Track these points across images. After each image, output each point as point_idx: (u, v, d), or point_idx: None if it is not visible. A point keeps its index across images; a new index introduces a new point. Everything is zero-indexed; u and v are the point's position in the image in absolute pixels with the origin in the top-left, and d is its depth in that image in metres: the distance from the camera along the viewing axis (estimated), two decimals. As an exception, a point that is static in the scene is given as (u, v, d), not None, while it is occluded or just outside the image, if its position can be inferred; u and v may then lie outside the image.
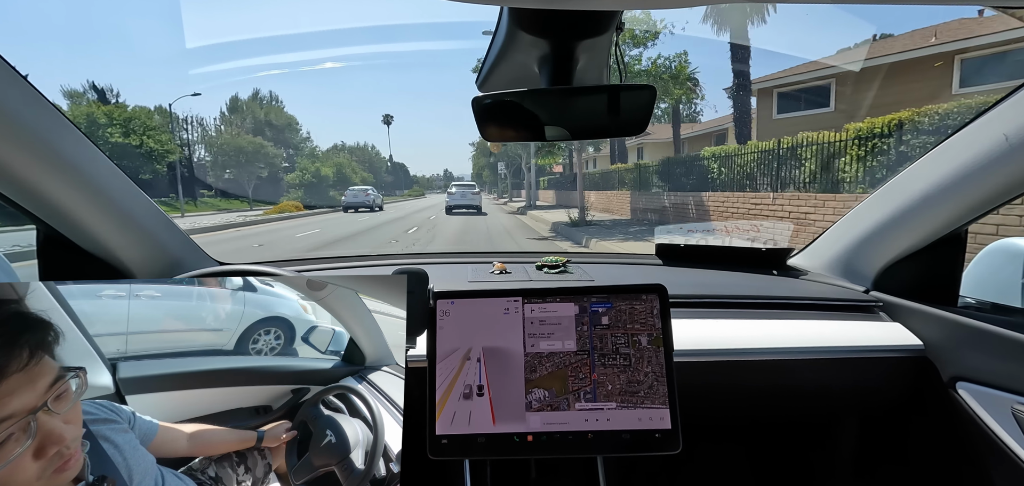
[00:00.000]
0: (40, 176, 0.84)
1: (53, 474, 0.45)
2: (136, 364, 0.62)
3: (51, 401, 0.45)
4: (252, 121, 38.71)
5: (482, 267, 1.42)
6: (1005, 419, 0.90)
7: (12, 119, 0.75)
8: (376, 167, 62.72)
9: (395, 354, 0.71)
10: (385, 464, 0.64)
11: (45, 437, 0.44)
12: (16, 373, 0.44)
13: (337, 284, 0.73)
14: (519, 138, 0.79)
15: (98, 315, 0.61)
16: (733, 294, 1.19)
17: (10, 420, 0.42)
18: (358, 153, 58.66)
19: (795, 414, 1.25)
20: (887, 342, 1.06)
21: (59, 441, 0.45)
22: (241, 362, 0.67)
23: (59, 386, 0.45)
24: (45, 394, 0.45)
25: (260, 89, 40.22)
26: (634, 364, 0.76)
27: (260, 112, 39.72)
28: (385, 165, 70.39)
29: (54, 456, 0.44)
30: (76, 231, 0.97)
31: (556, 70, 0.71)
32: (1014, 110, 0.82)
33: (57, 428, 0.45)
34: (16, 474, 0.43)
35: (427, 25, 53.25)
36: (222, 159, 31.40)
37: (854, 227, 1.21)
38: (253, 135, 34.74)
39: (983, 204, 0.92)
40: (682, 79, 13.09)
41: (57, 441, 0.45)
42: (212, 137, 34.66)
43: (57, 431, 0.45)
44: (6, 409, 0.43)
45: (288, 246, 10.71)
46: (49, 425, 0.44)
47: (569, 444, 0.74)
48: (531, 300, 0.79)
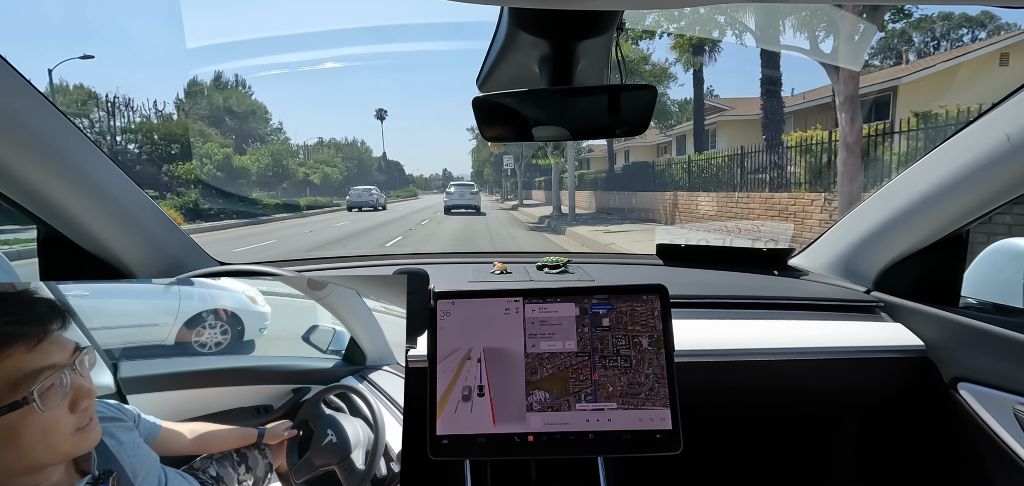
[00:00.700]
0: (40, 176, 0.84)
1: (83, 430, 0.52)
2: (137, 363, 0.63)
3: (77, 363, 0.53)
4: (208, 107, 32.86)
5: (483, 267, 1.42)
6: (1006, 420, 0.89)
7: (12, 118, 0.75)
8: (366, 165, 58.00)
9: (396, 353, 0.71)
10: (386, 463, 0.64)
11: (77, 391, 0.52)
12: (54, 335, 0.53)
13: (338, 284, 0.73)
14: (519, 138, 0.79)
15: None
16: (734, 294, 1.19)
17: (52, 370, 0.51)
18: (345, 149, 53.64)
19: (796, 414, 1.25)
20: (888, 342, 1.06)
21: (88, 396, 0.53)
22: (242, 361, 0.67)
23: (80, 353, 0.54)
24: (73, 356, 0.53)
25: (225, 72, 34.88)
26: (635, 366, 0.76)
27: (219, 98, 33.70)
28: (377, 163, 66.21)
29: (83, 411, 0.52)
30: (76, 231, 0.97)
31: (556, 70, 0.71)
32: (1016, 110, 0.82)
33: (85, 384, 0.53)
34: (57, 422, 0.51)
35: (427, 25, 53.23)
36: (145, 148, 24.93)
37: (855, 227, 1.21)
38: (208, 124, 29.85)
39: (984, 204, 0.92)
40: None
41: (87, 396, 0.53)
42: (140, 123, 25.96)
43: (86, 387, 0.53)
44: (48, 359, 0.51)
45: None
46: (79, 381, 0.53)
47: (570, 444, 0.74)
48: (532, 300, 0.79)
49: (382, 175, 67.74)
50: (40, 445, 0.50)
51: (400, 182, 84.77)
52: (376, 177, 60.13)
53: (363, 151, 59.37)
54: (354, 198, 25.18)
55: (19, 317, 0.52)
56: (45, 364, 0.50)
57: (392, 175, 79.28)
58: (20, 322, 0.52)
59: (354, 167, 51.86)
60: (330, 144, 52.21)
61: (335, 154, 47.10)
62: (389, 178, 74.19)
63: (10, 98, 0.75)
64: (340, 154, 49.47)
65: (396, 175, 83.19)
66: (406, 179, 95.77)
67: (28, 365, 0.50)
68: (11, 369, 0.49)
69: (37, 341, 0.51)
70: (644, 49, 14.19)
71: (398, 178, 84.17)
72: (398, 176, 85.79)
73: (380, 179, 60.43)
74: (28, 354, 0.50)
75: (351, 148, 56.05)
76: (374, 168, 63.41)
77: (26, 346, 0.50)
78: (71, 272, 1.03)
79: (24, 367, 0.50)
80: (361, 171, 53.91)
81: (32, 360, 0.50)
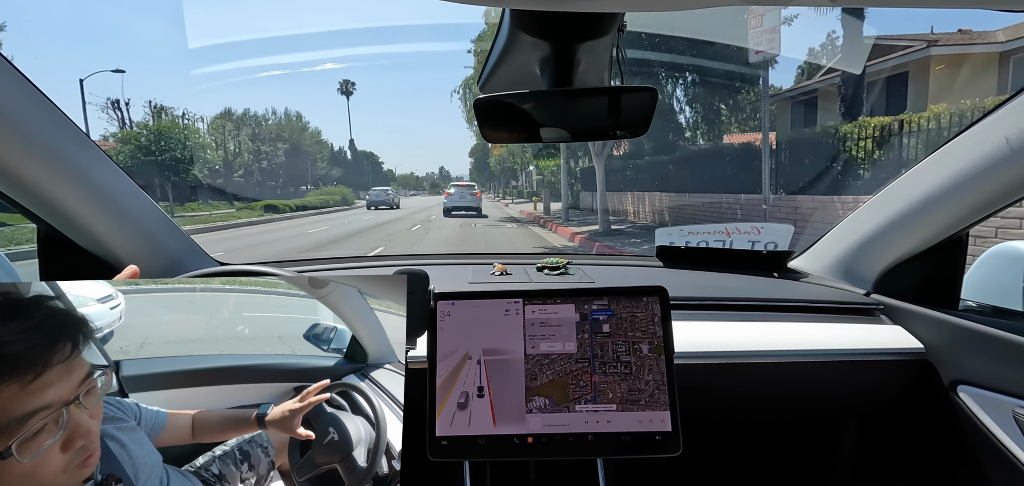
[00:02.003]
0: (41, 175, 0.84)
1: (76, 468, 0.46)
2: (139, 362, 0.63)
3: (83, 395, 0.46)
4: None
5: (482, 268, 1.42)
6: (1006, 423, 0.89)
7: (13, 118, 0.76)
8: (303, 150, 40.92)
9: (397, 351, 0.71)
10: (387, 462, 0.64)
11: (73, 429, 0.45)
12: (58, 365, 0.45)
13: (339, 283, 0.73)
14: (520, 139, 0.79)
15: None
16: (734, 296, 1.20)
17: (46, 410, 0.43)
18: (265, 126, 37.62)
19: (796, 416, 1.25)
20: (888, 345, 1.06)
21: (86, 435, 0.46)
22: (242, 360, 0.67)
23: (90, 382, 0.46)
24: (78, 388, 0.46)
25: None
26: (635, 372, 0.76)
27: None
28: (331, 151, 48.61)
29: (79, 449, 0.45)
30: (76, 230, 0.97)
31: (557, 72, 0.71)
32: (1015, 114, 0.82)
33: (85, 422, 0.46)
34: (44, 465, 0.43)
35: (428, 26, 53.02)
36: None
37: (855, 230, 1.21)
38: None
39: (984, 207, 0.92)
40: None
41: (84, 435, 0.46)
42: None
43: (85, 425, 0.46)
44: (44, 399, 0.43)
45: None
46: (78, 418, 0.45)
47: (569, 446, 0.74)
48: (532, 302, 0.79)
49: (337, 168, 49.58)
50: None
51: (375, 180, 64.25)
52: (327, 172, 45.62)
53: (299, 129, 42.15)
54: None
55: (23, 340, 0.44)
56: (38, 406, 0.43)
57: (360, 170, 61.87)
58: (21, 347, 0.44)
59: (274, 150, 36.92)
60: (229, 115, 35.78)
61: (235, 129, 34.26)
62: (354, 175, 58.32)
63: (10, 96, 0.75)
64: (248, 128, 35.84)
65: (368, 170, 65.43)
66: (384, 177, 76.67)
67: (16, 409, 0.42)
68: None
69: (34, 376, 0.43)
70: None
71: (373, 175, 65.48)
72: (372, 172, 67.06)
73: (336, 174, 47.47)
74: (19, 394, 0.43)
75: (281, 126, 40.09)
76: (323, 157, 45.95)
77: (20, 384, 0.43)
78: (71, 271, 1.03)
79: (11, 411, 0.42)
80: (292, 159, 39.35)
81: (23, 402, 0.43)
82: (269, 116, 41.89)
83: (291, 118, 42.99)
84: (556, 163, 17.14)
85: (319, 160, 45.14)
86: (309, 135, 44.49)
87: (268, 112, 47.20)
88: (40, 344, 0.44)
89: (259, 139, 36.81)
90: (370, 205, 27.59)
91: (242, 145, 34.20)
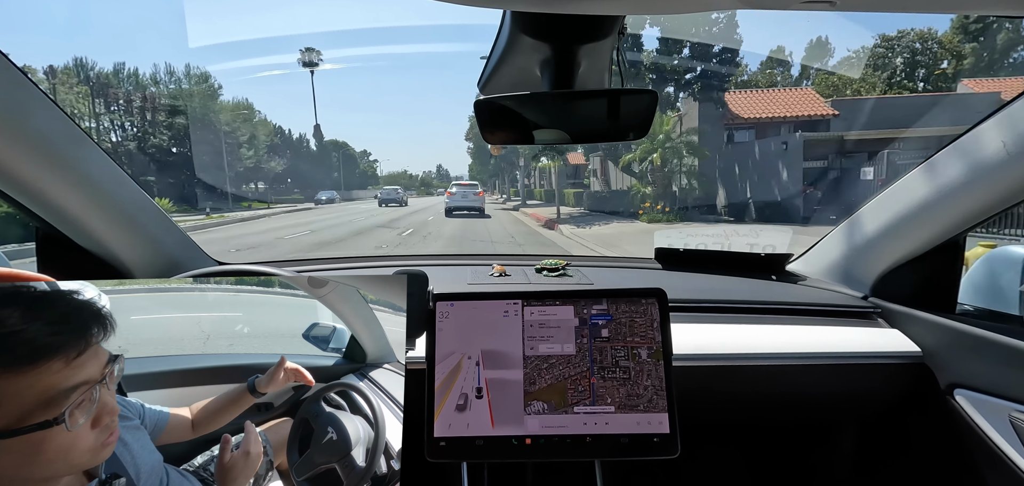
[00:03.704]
0: (40, 174, 0.84)
1: (101, 446, 0.51)
2: (138, 361, 0.63)
3: (108, 377, 0.51)
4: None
5: (482, 269, 1.42)
6: (1003, 426, 0.90)
7: (12, 116, 0.75)
8: (210, 123, 27.79)
9: (396, 352, 0.71)
10: (386, 461, 0.64)
11: (102, 407, 0.50)
12: (94, 344, 0.50)
13: (338, 283, 0.74)
14: (520, 141, 0.79)
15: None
16: (732, 299, 1.20)
17: (84, 386, 0.48)
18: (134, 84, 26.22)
19: (793, 419, 1.25)
20: (885, 348, 1.06)
21: (111, 413, 0.51)
22: (242, 359, 0.67)
23: (111, 366, 0.51)
24: (104, 370, 0.50)
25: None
26: (634, 377, 0.76)
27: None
28: (267, 133, 35.80)
29: (105, 427, 0.50)
30: (75, 229, 0.97)
31: (558, 74, 0.72)
32: (1013, 119, 0.83)
33: (110, 401, 0.51)
34: (79, 440, 0.48)
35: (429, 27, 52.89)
36: None
37: (853, 233, 1.22)
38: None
39: (982, 212, 0.92)
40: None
41: (110, 413, 0.51)
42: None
43: (111, 404, 0.51)
44: (82, 375, 0.48)
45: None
46: (106, 397, 0.50)
47: (567, 447, 0.74)
48: (531, 303, 0.80)
49: (278, 161, 37.40)
50: (59, 462, 0.47)
51: (351, 180, 55.20)
52: (268, 168, 35.01)
53: (207, 95, 29.24)
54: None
55: (62, 326, 0.49)
56: (80, 380, 0.48)
57: (325, 163, 50.10)
58: (63, 332, 0.49)
59: (159, 124, 25.87)
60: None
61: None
62: (318, 169, 47.35)
63: (10, 95, 0.75)
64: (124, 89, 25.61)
65: (340, 163, 53.47)
66: (364, 176, 63.77)
67: (64, 382, 0.47)
68: (47, 385, 0.46)
69: (77, 355, 0.48)
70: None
71: (343, 170, 53.90)
72: (346, 167, 55.04)
73: (274, 167, 36.14)
74: (65, 369, 0.47)
75: (181, 93, 28.40)
76: (259, 142, 33.16)
77: (65, 360, 0.47)
78: (70, 271, 1.03)
79: (60, 384, 0.47)
80: (204, 141, 27.52)
81: (69, 376, 0.47)
82: (161, 77, 28.94)
83: (197, 80, 29.53)
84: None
85: (250, 148, 32.26)
86: (231, 110, 31.39)
87: (158, 72, 32.34)
88: (78, 330, 0.50)
89: (131, 106, 26.36)
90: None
91: (99, 106, 24.58)
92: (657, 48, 16.81)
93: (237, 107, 32.57)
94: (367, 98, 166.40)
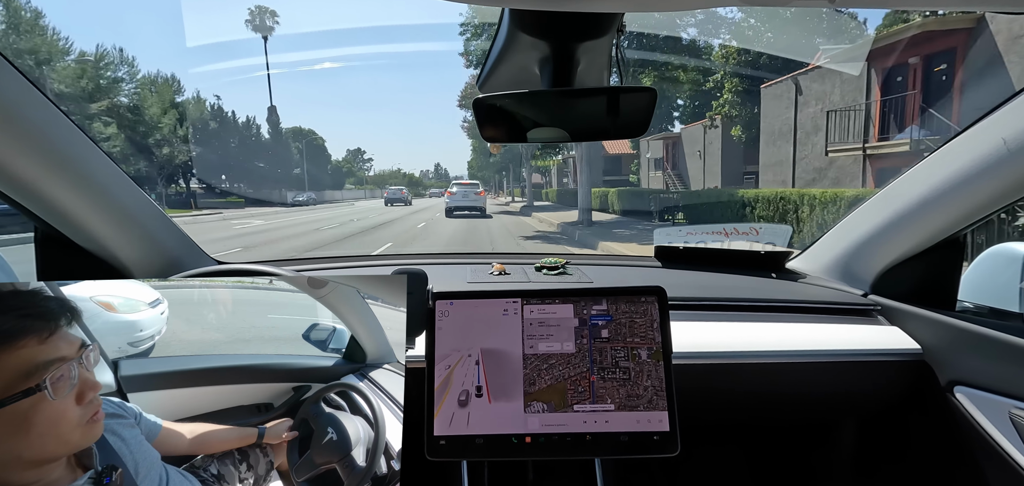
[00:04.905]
0: (39, 174, 0.84)
1: (89, 423, 0.54)
2: (138, 362, 0.63)
3: (83, 357, 0.55)
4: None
5: (481, 268, 1.42)
6: (1003, 424, 0.90)
7: (11, 115, 0.75)
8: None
9: (396, 351, 0.71)
10: (386, 462, 0.64)
11: (83, 383, 0.54)
12: (60, 330, 0.55)
13: (338, 283, 0.74)
14: (519, 139, 0.79)
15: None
16: (732, 297, 1.20)
17: (62, 361, 0.52)
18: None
19: (793, 417, 1.25)
20: (885, 346, 1.06)
21: (94, 388, 0.55)
22: (242, 360, 0.67)
23: (86, 348, 0.56)
24: (79, 351, 0.55)
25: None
26: (633, 378, 0.76)
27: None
28: (204, 111, 29.44)
29: (90, 403, 0.54)
30: (75, 229, 0.97)
31: (557, 72, 0.71)
32: (1013, 115, 0.83)
33: (91, 378, 0.55)
34: (65, 414, 0.52)
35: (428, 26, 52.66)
36: None
37: (853, 230, 1.22)
38: None
39: (982, 209, 0.92)
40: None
41: (93, 388, 0.55)
42: None
43: (91, 380, 0.55)
44: (57, 352, 0.53)
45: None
46: (85, 374, 0.54)
47: (567, 446, 0.74)
48: (530, 301, 0.79)
49: (202, 152, 29.77)
50: (49, 435, 0.51)
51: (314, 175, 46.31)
52: (155, 146, 24.46)
53: (96, 58, 22.50)
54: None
55: (31, 311, 0.55)
56: (55, 356, 0.52)
57: (282, 156, 41.55)
58: (32, 316, 0.54)
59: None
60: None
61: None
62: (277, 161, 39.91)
63: (8, 94, 0.75)
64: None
65: (298, 158, 44.40)
66: (334, 174, 56.53)
67: (40, 356, 0.52)
68: (24, 359, 0.51)
69: (48, 334, 0.53)
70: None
71: (309, 165, 45.60)
72: (308, 159, 46.00)
73: (180, 156, 26.43)
74: (40, 346, 0.52)
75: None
76: (152, 115, 24.39)
77: (38, 338, 0.52)
78: (69, 271, 1.03)
79: (36, 358, 0.51)
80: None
81: (44, 352, 0.52)
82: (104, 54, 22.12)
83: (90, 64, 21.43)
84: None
85: (153, 131, 23.88)
86: (77, 68, 21.84)
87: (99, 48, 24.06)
88: (46, 315, 0.55)
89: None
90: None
91: None
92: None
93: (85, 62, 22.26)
94: (365, 96, 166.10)
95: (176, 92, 28.98)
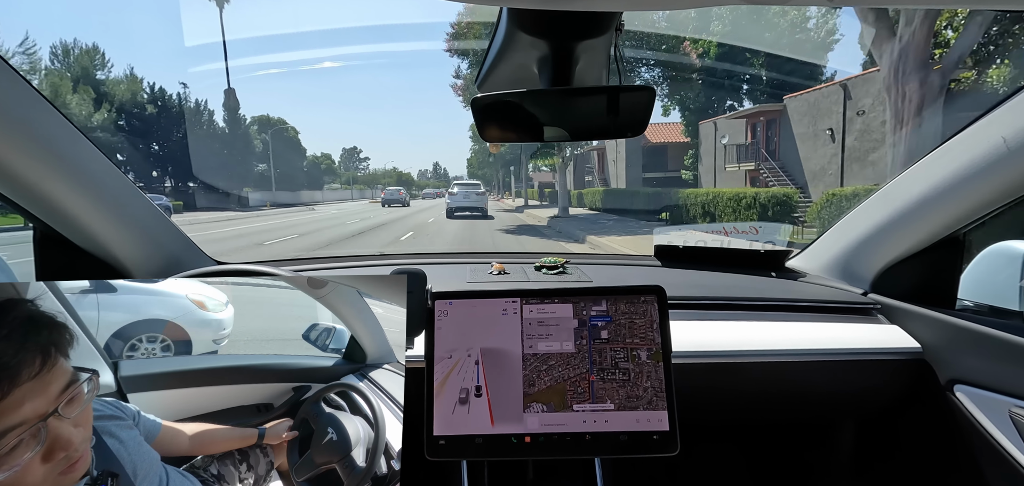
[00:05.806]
0: (38, 174, 0.84)
1: (59, 476, 0.45)
2: (138, 362, 0.63)
3: (62, 406, 0.45)
4: None
5: (481, 268, 1.42)
6: (1002, 422, 0.90)
7: (10, 116, 0.75)
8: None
9: (396, 351, 0.71)
10: (386, 462, 0.64)
11: (54, 441, 0.44)
12: (27, 381, 0.44)
13: (337, 283, 0.73)
14: (518, 138, 0.79)
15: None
16: (732, 296, 1.20)
17: (21, 427, 0.42)
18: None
19: (793, 416, 1.25)
20: (885, 345, 1.06)
21: (67, 446, 0.45)
22: (242, 360, 0.67)
23: (71, 390, 0.46)
24: (57, 400, 0.45)
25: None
26: (633, 378, 0.76)
27: None
28: (135, 98, 26.75)
29: (62, 459, 0.45)
30: (74, 230, 0.97)
31: (555, 71, 0.71)
32: (1012, 114, 0.83)
33: (66, 433, 0.45)
34: (24, 477, 0.43)
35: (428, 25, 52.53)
36: None
37: (853, 229, 1.21)
38: None
39: (982, 207, 0.92)
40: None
41: (65, 446, 0.45)
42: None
43: (66, 436, 0.45)
44: (17, 416, 0.43)
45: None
46: (58, 430, 0.44)
47: (567, 445, 0.74)
48: (529, 301, 0.79)
49: (131, 140, 27.09)
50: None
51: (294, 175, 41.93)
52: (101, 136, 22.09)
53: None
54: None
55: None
56: (10, 424, 0.42)
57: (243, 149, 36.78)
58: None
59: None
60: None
61: None
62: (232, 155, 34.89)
63: (8, 95, 0.75)
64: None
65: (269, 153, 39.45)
66: (311, 171, 50.94)
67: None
68: None
69: (9, 388, 0.43)
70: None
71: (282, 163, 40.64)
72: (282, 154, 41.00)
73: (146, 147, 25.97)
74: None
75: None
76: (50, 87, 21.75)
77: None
78: (68, 270, 1.03)
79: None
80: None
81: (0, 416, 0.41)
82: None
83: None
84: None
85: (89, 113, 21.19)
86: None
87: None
88: (14, 364, 0.43)
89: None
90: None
91: None
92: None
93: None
94: (363, 96, 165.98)
95: (102, 67, 24.82)
